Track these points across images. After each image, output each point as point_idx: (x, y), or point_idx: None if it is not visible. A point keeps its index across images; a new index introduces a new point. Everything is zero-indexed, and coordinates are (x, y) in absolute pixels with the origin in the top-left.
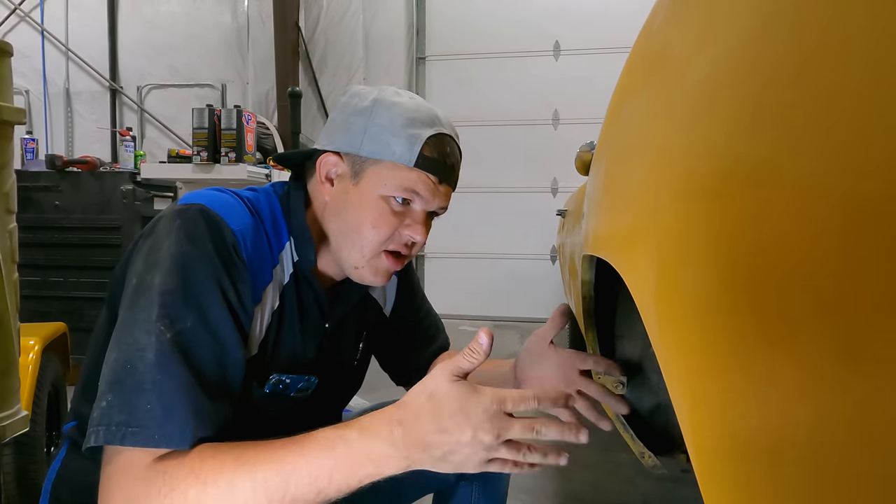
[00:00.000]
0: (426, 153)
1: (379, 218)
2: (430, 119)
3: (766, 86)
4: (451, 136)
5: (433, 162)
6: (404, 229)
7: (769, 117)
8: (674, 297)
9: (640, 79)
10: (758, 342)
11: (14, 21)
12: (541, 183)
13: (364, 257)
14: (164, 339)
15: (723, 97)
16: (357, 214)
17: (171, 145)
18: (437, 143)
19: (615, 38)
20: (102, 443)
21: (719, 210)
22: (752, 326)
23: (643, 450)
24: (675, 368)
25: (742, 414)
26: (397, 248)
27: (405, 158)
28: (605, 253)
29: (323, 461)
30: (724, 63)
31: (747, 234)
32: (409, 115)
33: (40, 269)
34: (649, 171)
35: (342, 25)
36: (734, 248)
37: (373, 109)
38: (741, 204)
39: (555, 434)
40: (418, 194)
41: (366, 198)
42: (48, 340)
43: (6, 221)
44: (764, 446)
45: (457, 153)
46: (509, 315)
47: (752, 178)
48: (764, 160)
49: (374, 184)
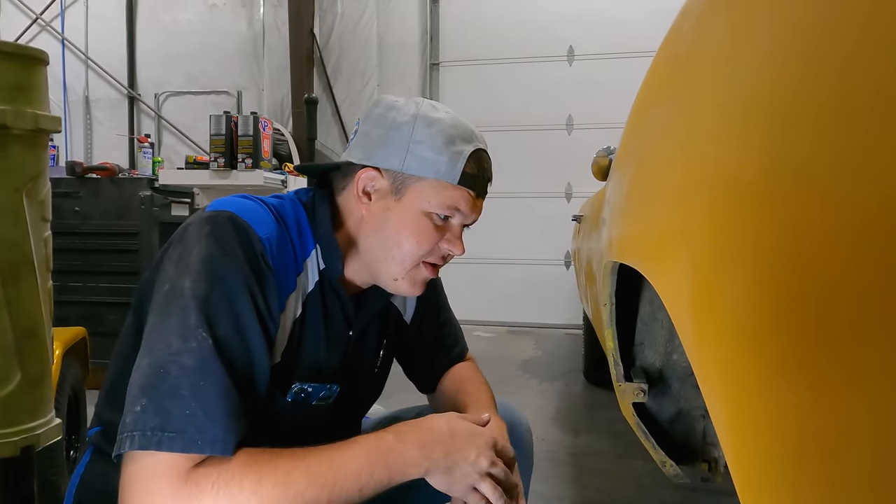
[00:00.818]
0: (468, 170)
1: (422, 233)
2: (469, 135)
3: (812, 87)
4: (486, 150)
5: (473, 178)
6: (444, 243)
7: (816, 119)
8: (712, 307)
9: (669, 82)
10: (806, 355)
11: (35, 30)
12: (555, 188)
13: (405, 270)
14: (207, 346)
15: (765, 100)
16: (399, 229)
17: (187, 152)
18: (476, 159)
19: (630, 42)
20: (137, 448)
21: (762, 216)
22: (800, 339)
23: (664, 459)
24: (714, 382)
25: (790, 430)
26: (435, 261)
27: (450, 176)
28: (632, 260)
29: (366, 460)
30: (766, 65)
31: (792, 240)
32: (450, 131)
33: (60, 275)
34: (683, 176)
35: (356, 32)
36: (778, 255)
37: (414, 125)
38: (785, 210)
39: (495, 495)
40: (460, 210)
41: (408, 213)
42: (69, 345)
43: (41, 229)
44: (814, 463)
45: (491, 167)
46: (523, 321)
47: (798, 182)
48: (810, 164)
49: (418, 200)
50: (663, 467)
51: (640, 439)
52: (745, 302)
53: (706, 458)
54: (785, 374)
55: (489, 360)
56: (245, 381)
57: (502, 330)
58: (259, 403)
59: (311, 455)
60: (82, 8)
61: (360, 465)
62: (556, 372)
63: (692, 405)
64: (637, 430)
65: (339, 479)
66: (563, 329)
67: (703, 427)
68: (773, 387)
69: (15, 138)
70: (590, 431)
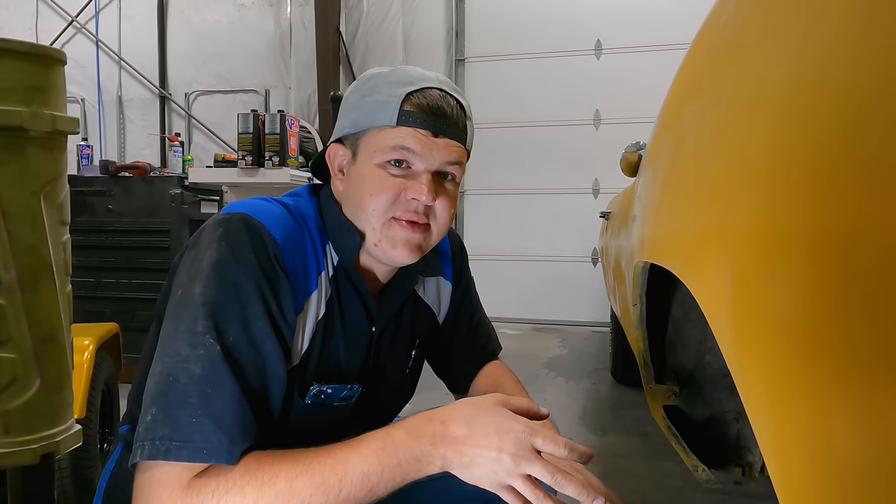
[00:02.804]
0: (407, 108)
1: (376, 185)
2: (413, 79)
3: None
4: (439, 88)
5: (419, 116)
6: (408, 192)
7: (879, 110)
8: (757, 313)
9: (707, 76)
10: (865, 368)
11: (71, 32)
12: (582, 184)
13: (375, 230)
14: (214, 352)
15: (818, 91)
16: (359, 189)
17: (216, 150)
18: (420, 96)
19: (660, 35)
20: (147, 458)
21: (815, 216)
22: (858, 349)
23: (697, 463)
24: (759, 394)
25: (845, 448)
26: (408, 216)
27: (386, 119)
28: (666, 261)
29: (374, 459)
30: (818, 54)
31: (848, 242)
32: (389, 79)
33: (94, 271)
34: (725, 173)
35: (382, 29)
36: (832, 258)
37: (361, 87)
38: (841, 209)
39: (572, 490)
40: (411, 151)
41: (363, 171)
42: (101, 340)
43: (60, 233)
44: (874, 485)
45: (451, 104)
46: (549, 318)
47: (857, 179)
48: (871, 158)
49: (368, 155)
50: (695, 472)
51: (670, 442)
52: (796, 309)
53: (740, 462)
54: (840, 387)
55: (515, 358)
56: (257, 387)
57: (528, 327)
58: (275, 408)
59: (316, 459)
60: (115, 10)
61: (369, 465)
62: (583, 370)
63: (725, 408)
64: (668, 433)
65: (345, 483)
66: (590, 327)
67: (737, 430)
68: (827, 401)
69: (32, 140)
70: (617, 431)
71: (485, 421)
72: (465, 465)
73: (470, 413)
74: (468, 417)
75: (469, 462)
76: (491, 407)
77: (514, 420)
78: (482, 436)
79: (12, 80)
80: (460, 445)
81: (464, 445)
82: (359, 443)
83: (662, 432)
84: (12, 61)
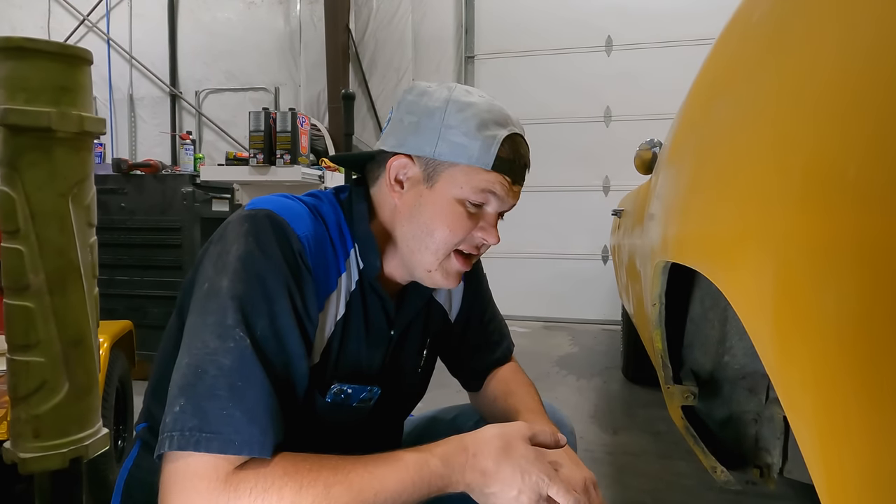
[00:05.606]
0: (502, 155)
1: (455, 221)
2: (504, 119)
3: None
4: (522, 135)
5: (508, 163)
6: (478, 231)
7: None
8: (803, 318)
9: (740, 73)
10: None
11: (83, 31)
12: (592, 181)
13: (437, 260)
14: (244, 346)
15: (873, 86)
16: (431, 217)
17: (227, 148)
18: (511, 143)
19: (669, 32)
20: (176, 448)
21: (863, 215)
22: None
23: (715, 464)
24: (804, 402)
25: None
26: (469, 250)
27: (482, 161)
28: (695, 262)
29: (409, 482)
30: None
31: None
32: (483, 115)
33: (108, 269)
34: (766, 171)
35: (391, 27)
36: (881, 259)
37: (445, 110)
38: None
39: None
40: (494, 195)
41: (441, 201)
42: (116, 338)
43: (87, 235)
44: None
45: (528, 152)
46: (560, 316)
47: None
48: None
49: (450, 186)
50: (714, 473)
51: (687, 442)
52: (849, 316)
53: (758, 463)
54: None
55: (525, 356)
56: (282, 382)
57: (538, 325)
58: (297, 404)
59: (354, 470)
60: (126, 9)
61: (403, 485)
62: (594, 368)
63: (744, 409)
64: (686, 434)
65: (379, 498)
66: (601, 325)
67: (756, 431)
68: (888, 415)
69: (60, 141)
70: (629, 430)
71: (511, 461)
72: (486, 496)
73: (499, 448)
74: (497, 453)
75: (490, 494)
76: (519, 444)
77: (539, 465)
78: (507, 474)
79: (41, 80)
80: (487, 478)
81: (490, 479)
82: (396, 461)
83: (676, 432)
84: (41, 61)
